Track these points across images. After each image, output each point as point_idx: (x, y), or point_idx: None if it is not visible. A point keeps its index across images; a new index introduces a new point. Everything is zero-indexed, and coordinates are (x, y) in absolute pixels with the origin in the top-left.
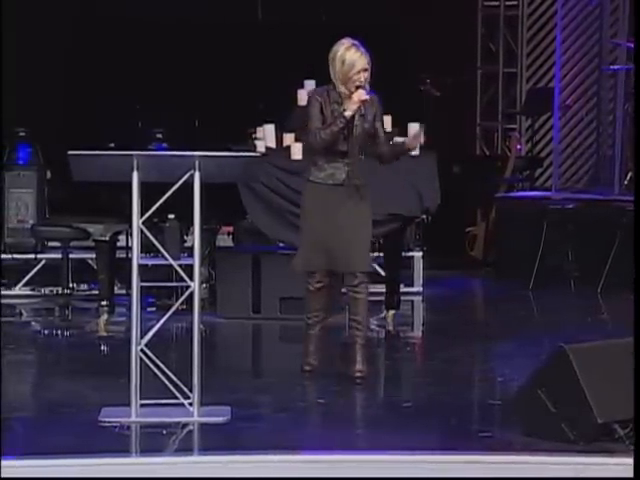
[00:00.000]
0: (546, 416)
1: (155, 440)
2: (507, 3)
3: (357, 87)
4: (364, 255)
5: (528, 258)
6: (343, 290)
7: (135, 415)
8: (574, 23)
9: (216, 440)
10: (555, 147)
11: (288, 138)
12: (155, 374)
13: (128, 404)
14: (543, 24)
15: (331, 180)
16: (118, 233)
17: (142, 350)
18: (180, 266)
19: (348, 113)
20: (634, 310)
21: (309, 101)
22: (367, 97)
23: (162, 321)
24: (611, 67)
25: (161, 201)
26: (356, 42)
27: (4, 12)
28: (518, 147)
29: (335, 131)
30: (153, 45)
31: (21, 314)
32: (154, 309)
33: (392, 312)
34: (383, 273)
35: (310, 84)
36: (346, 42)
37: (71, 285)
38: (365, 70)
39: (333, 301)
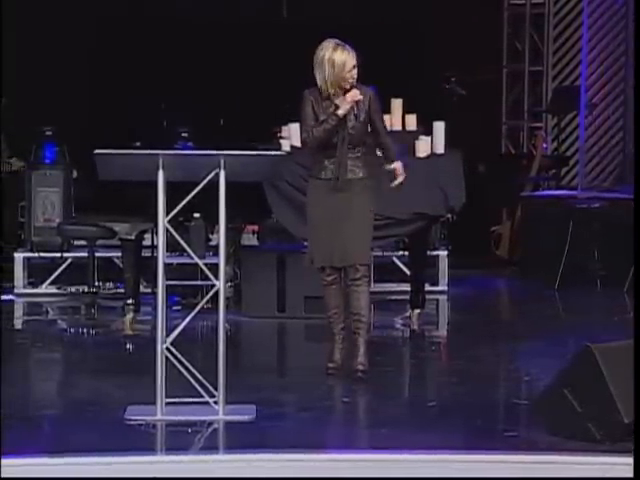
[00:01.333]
0: (572, 416)
1: (180, 438)
2: (533, 1)
3: (350, 86)
4: (363, 248)
5: (554, 257)
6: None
7: (160, 413)
8: (600, 21)
9: (241, 439)
10: (581, 146)
11: None
12: (180, 372)
13: (153, 402)
14: (569, 22)
15: (324, 175)
16: (144, 232)
17: (167, 348)
18: (205, 265)
19: (341, 112)
20: (634, 310)
21: (302, 101)
22: (361, 97)
23: (187, 320)
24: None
25: (186, 200)
26: (339, 41)
27: (30, 12)
28: (544, 146)
29: (327, 129)
30: (179, 44)
31: (47, 312)
32: (179, 308)
33: (417, 311)
34: (408, 272)
35: None
36: (331, 44)
37: (97, 284)
38: (354, 67)
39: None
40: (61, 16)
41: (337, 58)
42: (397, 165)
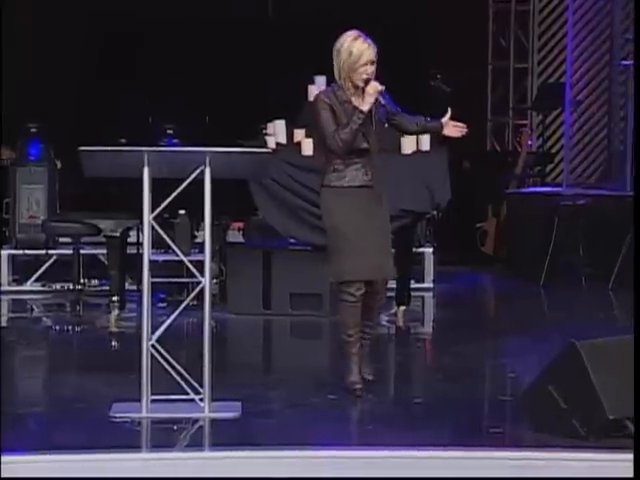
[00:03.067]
0: (557, 412)
1: (166, 436)
2: None
3: (366, 80)
4: (392, 261)
5: (539, 254)
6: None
7: (146, 411)
8: (585, 18)
9: (227, 436)
10: (566, 143)
11: (299, 134)
12: (166, 370)
13: (139, 399)
14: (554, 19)
15: (357, 182)
16: (129, 229)
17: (153, 346)
18: (191, 262)
19: (365, 107)
20: (634, 310)
21: (317, 106)
22: (382, 87)
23: (173, 317)
24: (622, 62)
25: (172, 197)
26: (362, 34)
27: (16, 10)
28: (529, 143)
29: (354, 129)
30: (164, 41)
31: (32, 310)
32: (165, 305)
33: (403, 308)
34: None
35: (321, 80)
36: (353, 33)
37: (82, 281)
38: (372, 63)
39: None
40: (46, 12)
41: (355, 48)
42: (445, 120)
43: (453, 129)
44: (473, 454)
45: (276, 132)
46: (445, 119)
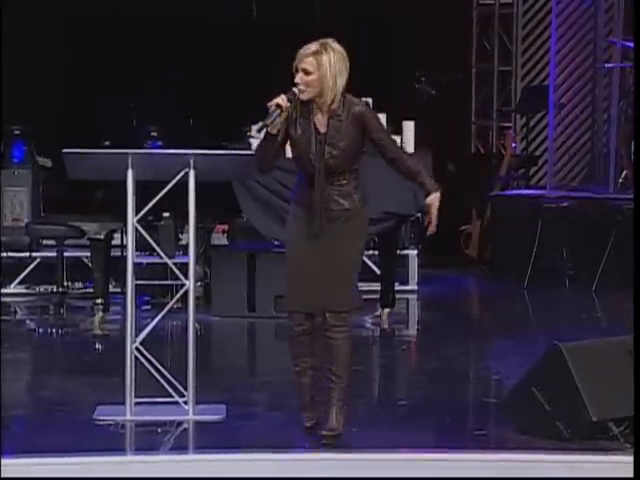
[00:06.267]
0: (541, 414)
1: (150, 438)
2: (502, 1)
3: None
4: (345, 291)
5: (523, 256)
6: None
7: (130, 413)
8: (569, 21)
9: (211, 438)
10: (550, 145)
11: None
12: (150, 372)
13: (123, 402)
14: (538, 22)
15: (308, 205)
16: (113, 231)
17: (137, 348)
18: (175, 264)
19: (270, 129)
20: (634, 310)
21: None
22: (281, 102)
23: (157, 319)
24: (606, 65)
25: (156, 199)
26: (327, 41)
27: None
28: (513, 145)
29: (263, 149)
30: (148, 43)
31: (15, 312)
32: (149, 307)
33: (387, 310)
34: (378, 271)
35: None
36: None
37: (66, 283)
38: (305, 72)
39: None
40: (30, 15)
41: (301, 50)
42: (432, 200)
43: (431, 214)
44: (457, 456)
45: (261, 134)
46: (430, 204)
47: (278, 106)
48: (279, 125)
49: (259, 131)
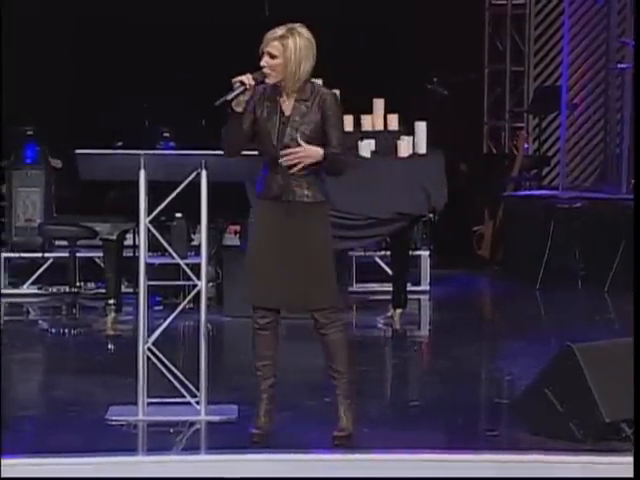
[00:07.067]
0: (553, 415)
1: (162, 439)
2: (514, 2)
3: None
4: (327, 288)
5: (535, 257)
6: (350, 289)
7: (142, 414)
8: (581, 22)
9: (223, 439)
10: (562, 146)
11: None
12: (162, 373)
13: (135, 403)
14: (550, 23)
15: (269, 193)
16: (125, 232)
17: (149, 349)
18: (187, 265)
19: (237, 107)
20: (634, 310)
21: None
22: (245, 80)
23: (169, 320)
24: (618, 65)
25: (168, 200)
26: (294, 26)
27: (12, 12)
28: (525, 146)
29: (228, 129)
30: (160, 44)
31: (28, 312)
32: (161, 308)
33: (399, 311)
34: (390, 272)
35: (317, 83)
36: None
37: (78, 284)
38: (271, 56)
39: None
40: (43, 15)
41: (267, 34)
42: (289, 152)
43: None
44: (469, 457)
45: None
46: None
47: (242, 83)
48: (243, 103)
49: (218, 105)
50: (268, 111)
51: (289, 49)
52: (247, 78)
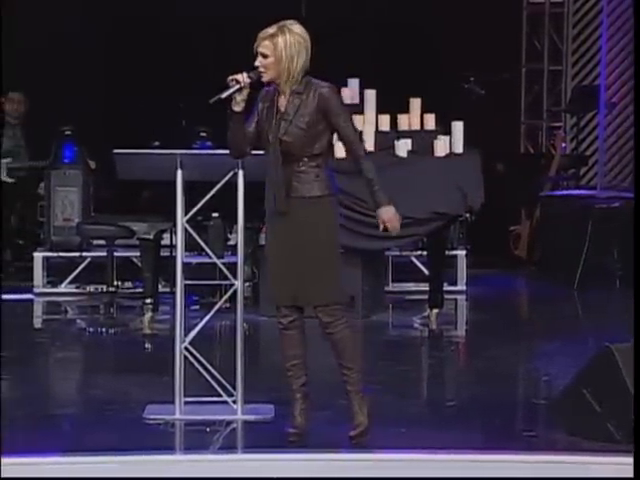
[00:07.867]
0: (591, 416)
1: (199, 438)
2: (552, 1)
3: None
4: (329, 284)
5: (573, 257)
6: (387, 288)
7: (179, 413)
8: (619, 21)
9: (259, 438)
10: (600, 145)
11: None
12: (199, 372)
13: (172, 402)
14: (588, 22)
15: (273, 192)
16: (162, 231)
17: (186, 348)
18: (224, 264)
19: (236, 107)
20: (634, 310)
21: None
22: (240, 78)
23: (206, 319)
24: None
25: (205, 200)
26: (285, 23)
27: (47, 13)
28: (563, 145)
29: (230, 129)
30: (197, 43)
31: (66, 312)
32: (198, 307)
33: (435, 311)
34: (427, 272)
35: (354, 83)
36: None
37: (116, 283)
38: (264, 56)
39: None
40: (79, 16)
41: (259, 34)
42: (386, 214)
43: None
44: (506, 457)
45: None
46: (385, 220)
47: (237, 82)
48: (242, 103)
49: (212, 103)
50: (267, 110)
51: (279, 47)
52: (242, 76)
